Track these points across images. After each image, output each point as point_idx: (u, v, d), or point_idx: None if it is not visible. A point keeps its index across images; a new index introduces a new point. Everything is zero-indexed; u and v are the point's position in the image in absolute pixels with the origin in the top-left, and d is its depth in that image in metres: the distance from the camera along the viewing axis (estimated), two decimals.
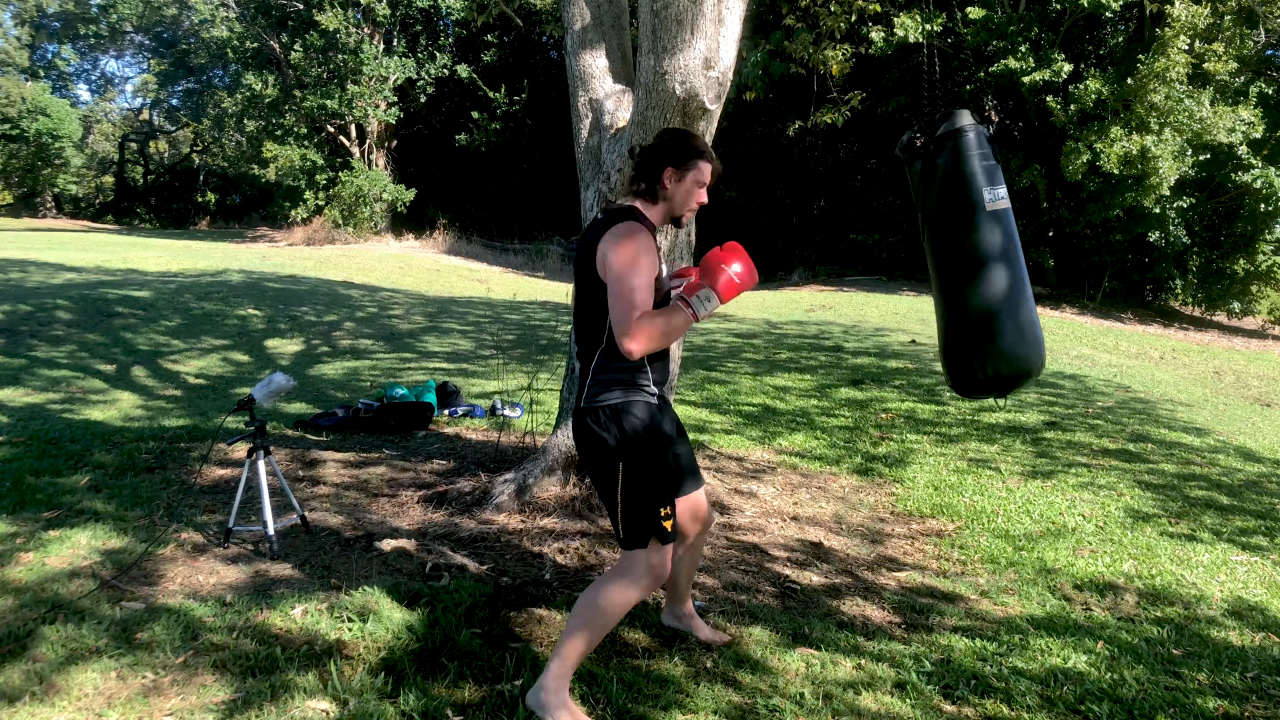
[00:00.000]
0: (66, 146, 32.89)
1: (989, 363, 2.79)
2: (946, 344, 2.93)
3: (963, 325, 2.83)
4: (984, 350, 2.79)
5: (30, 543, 3.53)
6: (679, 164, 2.47)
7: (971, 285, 2.78)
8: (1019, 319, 2.78)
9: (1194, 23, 15.36)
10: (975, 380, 2.84)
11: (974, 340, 2.81)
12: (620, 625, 3.07)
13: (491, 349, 9.51)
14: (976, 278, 2.77)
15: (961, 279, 2.81)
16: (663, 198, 2.50)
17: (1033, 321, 2.81)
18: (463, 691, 2.59)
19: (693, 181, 2.50)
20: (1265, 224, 18.60)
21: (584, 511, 4.11)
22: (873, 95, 19.47)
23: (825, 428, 6.55)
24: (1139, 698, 2.83)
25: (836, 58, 9.63)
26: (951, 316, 2.87)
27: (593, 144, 4.20)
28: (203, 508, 4.11)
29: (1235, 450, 6.79)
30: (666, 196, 2.50)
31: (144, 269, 14.13)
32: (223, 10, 24.50)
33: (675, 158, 2.48)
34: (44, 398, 6.28)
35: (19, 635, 2.80)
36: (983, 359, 2.80)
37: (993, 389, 2.84)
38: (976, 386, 2.86)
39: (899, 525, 4.60)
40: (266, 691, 2.53)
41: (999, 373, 2.79)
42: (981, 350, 2.80)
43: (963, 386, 2.91)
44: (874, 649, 3.06)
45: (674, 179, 2.48)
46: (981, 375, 2.81)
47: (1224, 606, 3.73)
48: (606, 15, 4.27)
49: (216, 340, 8.96)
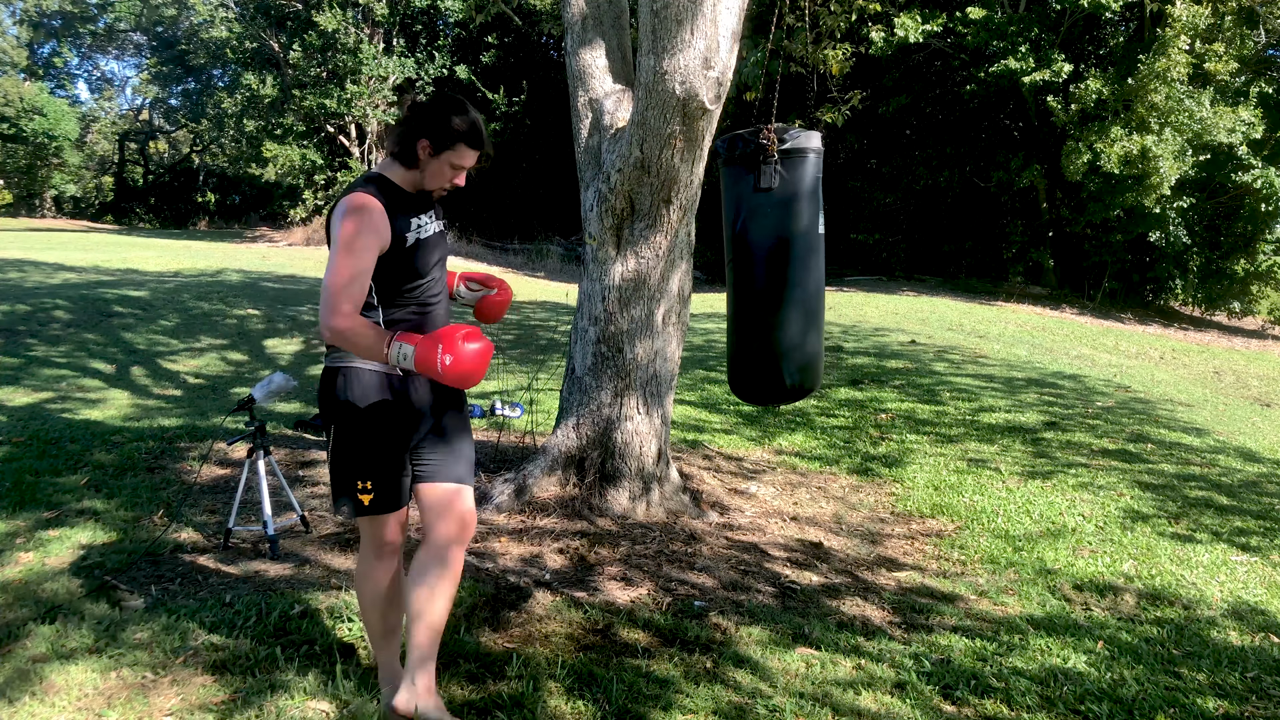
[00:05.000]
0: (64, 146, 32.87)
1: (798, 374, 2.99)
2: (748, 355, 3.05)
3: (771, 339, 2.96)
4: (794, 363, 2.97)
5: (29, 542, 3.53)
6: (436, 141, 2.29)
7: (795, 301, 2.92)
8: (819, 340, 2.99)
9: (1194, 23, 15.37)
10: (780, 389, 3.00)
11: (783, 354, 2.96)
12: (620, 625, 3.07)
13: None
14: (802, 296, 2.91)
15: (772, 288, 2.93)
16: (415, 167, 2.34)
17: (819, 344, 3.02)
18: (463, 691, 2.59)
19: (447, 162, 2.32)
20: (1265, 224, 18.60)
21: (583, 512, 4.11)
22: (873, 95, 19.46)
23: (824, 428, 6.55)
24: (1139, 698, 2.83)
25: (836, 57, 9.63)
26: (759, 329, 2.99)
27: (593, 144, 4.20)
28: (203, 508, 4.11)
29: (1235, 450, 6.79)
30: (419, 167, 2.34)
31: (143, 269, 14.13)
32: (222, 10, 24.48)
33: (434, 132, 2.29)
34: (43, 397, 6.28)
35: (18, 635, 2.80)
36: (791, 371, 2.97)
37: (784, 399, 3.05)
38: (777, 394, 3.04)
39: (898, 525, 4.60)
40: (266, 691, 2.52)
41: (804, 384, 2.99)
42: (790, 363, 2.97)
43: (756, 394, 3.09)
44: (873, 649, 3.06)
45: (428, 152, 2.30)
46: (789, 385, 2.98)
47: (1224, 607, 3.73)
48: (606, 15, 4.27)
49: (215, 340, 8.96)
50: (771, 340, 2.97)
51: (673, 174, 3.87)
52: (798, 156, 2.87)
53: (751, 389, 3.08)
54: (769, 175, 2.86)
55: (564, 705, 2.56)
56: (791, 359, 2.96)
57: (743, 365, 3.07)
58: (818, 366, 3.02)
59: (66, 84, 37.62)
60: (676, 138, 3.72)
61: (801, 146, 2.87)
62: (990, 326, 13.94)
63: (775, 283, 2.92)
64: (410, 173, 2.37)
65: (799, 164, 2.89)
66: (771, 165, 2.88)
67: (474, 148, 2.34)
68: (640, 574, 3.56)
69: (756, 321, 2.98)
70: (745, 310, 3.02)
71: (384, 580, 2.44)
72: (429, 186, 2.38)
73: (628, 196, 3.99)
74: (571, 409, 4.29)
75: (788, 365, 2.95)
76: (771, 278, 2.92)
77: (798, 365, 2.96)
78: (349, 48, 22.91)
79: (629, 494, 4.21)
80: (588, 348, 4.23)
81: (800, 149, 2.87)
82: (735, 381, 3.11)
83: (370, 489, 2.34)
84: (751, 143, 2.90)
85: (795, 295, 2.91)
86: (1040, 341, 12.88)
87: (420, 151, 2.31)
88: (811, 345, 2.96)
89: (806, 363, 2.98)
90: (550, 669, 2.73)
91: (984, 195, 21.45)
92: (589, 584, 3.45)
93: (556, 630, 3.02)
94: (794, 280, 2.90)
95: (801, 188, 2.89)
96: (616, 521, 4.09)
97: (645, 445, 4.24)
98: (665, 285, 4.19)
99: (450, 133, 2.29)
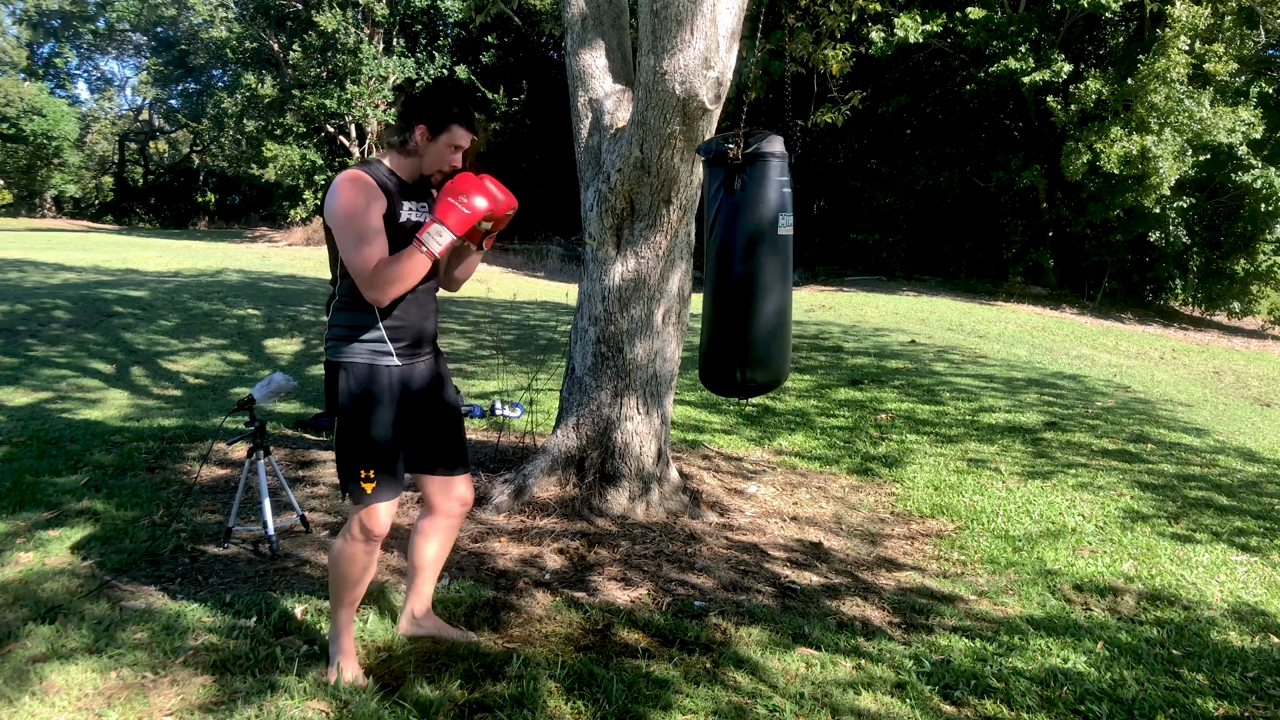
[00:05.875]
0: (64, 146, 32.87)
1: (750, 370, 3.10)
2: (711, 345, 3.17)
3: (731, 332, 3.09)
4: (747, 359, 3.09)
5: (29, 542, 3.53)
6: (433, 125, 2.44)
7: (750, 297, 3.04)
8: (781, 336, 3.10)
9: (1194, 23, 15.37)
10: (732, 382, 3.13)
11: (739, 348, 3.09)
12: (620, 625, 3.08)
13: (490, 349, 9.51)
14: (754, 292, 3.03)
15: (741, 289, 3.05)
16: (415, 153, 2.48)
17: (786, 340, 3.14)
18: (463, 692, 2.59)
19: (445, 144, 2.47)
20: (1265, 224, 18.60)
21: (583, 512, 4.11)
22: (873, 95, 19.46)
23: (824, 428, 6.55)
24: (1139, 698, 2.83)
25: (837, 57, 9.63)
26: (721, 322, 3.11)
27: (593, 144, 4.20)
28: (203, 508, 4.11)
29: (1235, 450, 6.79)
30: (418, 153, 2.48)
31: (142, 269, 14.13)
32: (222, 10, 24.48)
33: (430, 117, 2.44)
34: (42, 397, 6.28)
35: (18, 635, 2.80)
36: (745, 366, 3.10)
37: (744, 393, 3.18)
38: (731, 388, 3.16)
39: (898, 525, 4.60)
40: (266, 691, 2.52)
41: (755, 380, 3.11)
42: (744, 358, 3.09)
43: (716, 385, 3.22)
44: (873, 649, 3.06)
45: (425, 136, 2.45)
46: (740, 379, 3.10)
47: (1224, 607, 3.73)
48: (606, 15, 4.27)
49: (215, 340, 8.96)
50: (726, 335, 3.12)
51: (673, 174, 3.87)
52: (759, 161, 3.01)
53: (711, 379, 3.24)
54: (733, 178, 3.01)
55: (563, 705, 2.56)
56: (744, 355, 3.10)
57: (704, 356, 3.23)
58: (774, 364, 3.13)
59: (66, 84, 37.63)
60: (676, 138, 3.72)
61: (764, 151, 3.00)
62: (990, 326, 13.95)
63: (735, 279, 3.07)
64: (409, 160, 2.50)
65: (760, 167, 3.01)
66: (737, 168, 3.01)
67: (468, 129, 2.48)
68: (640, 574, 3.56)
69: (717, 315, 3.13)
70: (708, 304, 3.18)
71: (366, 562, 2.60)
72: (429, 170, 2.51)
73: (628, 196, 3.99)
74: (571, 409, 4.29)
75: (740, 361, 3.10)
76: (732, 274, 3.06)
77: (750, 361, 3.10)
78: (349, 48, 22.90)
79: (628, 494, 4.21)
80: (588, 348, 4.23)
81: (762, 153, 3.00)
82: (701, 371, 3.27)
83: (372, 477, 2.48)
84: (718, 147, 3.05)
85: (753, 293, 3.05)
86: (1040, 341, 12.88)
87: (419, 137, 2.44)
88: (762, 342, 3.07)
89: (759, 359, 3.10)
90: (550, 669, 2.73)
91: (984, 195, 21.45)
92: (588, 584, 3.45)
93: (556, 630, 3.02)
94: (755, 278, 3.04)
95: (762, 190, 3.02)
96: (616, 522, 4.09)
97: (645, 445, 4.24)
98: (665, 285, 4.19)
99: (445, 115, 2.44)
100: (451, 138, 2.46)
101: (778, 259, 3.05)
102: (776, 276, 3.06)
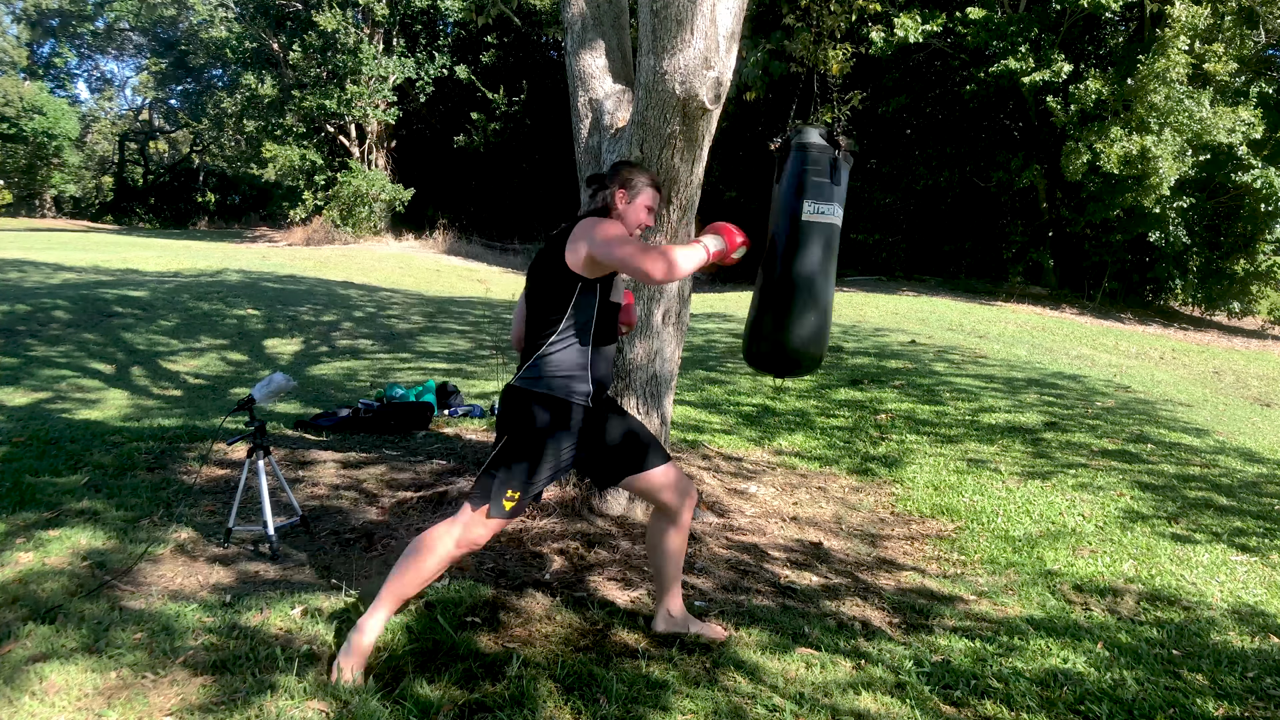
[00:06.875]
0: (64, 146, 32.88)
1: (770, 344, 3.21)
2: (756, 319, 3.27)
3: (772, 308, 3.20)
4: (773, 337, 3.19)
5: (29, 542, 3.53)
6: (630, 192, 2.86)
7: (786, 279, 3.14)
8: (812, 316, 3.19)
9: (1194, 23, 15.37)
10: (758, 355, 3.26)
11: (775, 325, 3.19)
12: (619, 626, 3.07)
13: (490, 349, 9.51)
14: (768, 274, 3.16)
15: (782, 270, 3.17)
16: (618, 215, 2.86)
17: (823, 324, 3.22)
18: (462, 692, 2.59)
19: (642, 205, 2.88)
20: (1265, 224, 18.61)
21: (583, 512, 4.11)
22: (873, 95, 19.47)
23: (824, 428, 6.55)
24: (1139, 698, 2.83)
25: (837, 57, 9.63)
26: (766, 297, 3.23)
27: (593, 144, 4.20)
28: (202, 508, 4.11)
29: (1235, 451, 6.79)
30: (620, 215, 2.86)
31: (142, 269, 14.13)
32: (222, 10, 24.48)
33: (627, 185, 2.87)
34: (42, 397, 6.28)
35: (18, 635, 2.79)
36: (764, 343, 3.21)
37: (772, 369, 3.29)
38: (759, 361, 3.29)
39: (898, 526, 4.59)
40: (266, 692, 2.52)
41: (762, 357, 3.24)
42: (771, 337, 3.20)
43: (753, 360, 3.33)
44: (873, 650, 3.06)
45: (624, 200, 2.86)
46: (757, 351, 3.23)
47: (1224, 607, 3.73)
48: (606, 15, 4.27)
49: (215, 340, 8.96)
50: (754, 315, 3.25)
51: (673, 174, 3.87)
52: (784, 152, 3.19)
53: (748, 354, 3.37)
54: (778, 170, 3.22)
55: (562, 706, 2.56)
56: (764, 338, 3.20)
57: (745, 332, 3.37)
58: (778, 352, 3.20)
59: (66, 84, 37.64)
60: (676, 138, 3.72)
61: (790, 142, 3.16)
62: (990, 326, 13.95)
63: (765, 266, 3.18)
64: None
65: (785, 158, 3.18)
66: (778, 160, 3.21)
67: (656, 190, 2.92)
68: (639, 575, 3.56)
69: (755, 298, 3.29)
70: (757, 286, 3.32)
71: (445, 566, 2.76)
72: (629, 228, 2.88)
73: None
74: None
75: (757, 340, 3.22)
76: (765, 261, 3.19)
77: (763, 341, 3.20)
78: (349, 48, 22.91)
79: (628, 495, 4.21)
80: None
81: (788, 144, 3.17)
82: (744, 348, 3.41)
83: (516, 499, 2.71)
84: (777, 140, 3.27)
85: (774, 279, 3.15)
86: (1040, 341, 12.89)
87: (618, 202, 2.86)
88: (773, 327, 3.15)
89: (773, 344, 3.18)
90: (549, 669, 2.73)
91: (984, 195, 21.46)
92: (588, 585, 3.45)
93: (555, 631, 3.02)
94: (777, 266, 3.15)
95: (785, 181, 3.17)
96: (615, 522, 4.09)
97: None
98: (664, 286, 4.19)
99: (639, 180, 2.89)
100: (646, 199, 2.88)
101: (801, 248, 3.14)
102: (798, 266, 3.14)
